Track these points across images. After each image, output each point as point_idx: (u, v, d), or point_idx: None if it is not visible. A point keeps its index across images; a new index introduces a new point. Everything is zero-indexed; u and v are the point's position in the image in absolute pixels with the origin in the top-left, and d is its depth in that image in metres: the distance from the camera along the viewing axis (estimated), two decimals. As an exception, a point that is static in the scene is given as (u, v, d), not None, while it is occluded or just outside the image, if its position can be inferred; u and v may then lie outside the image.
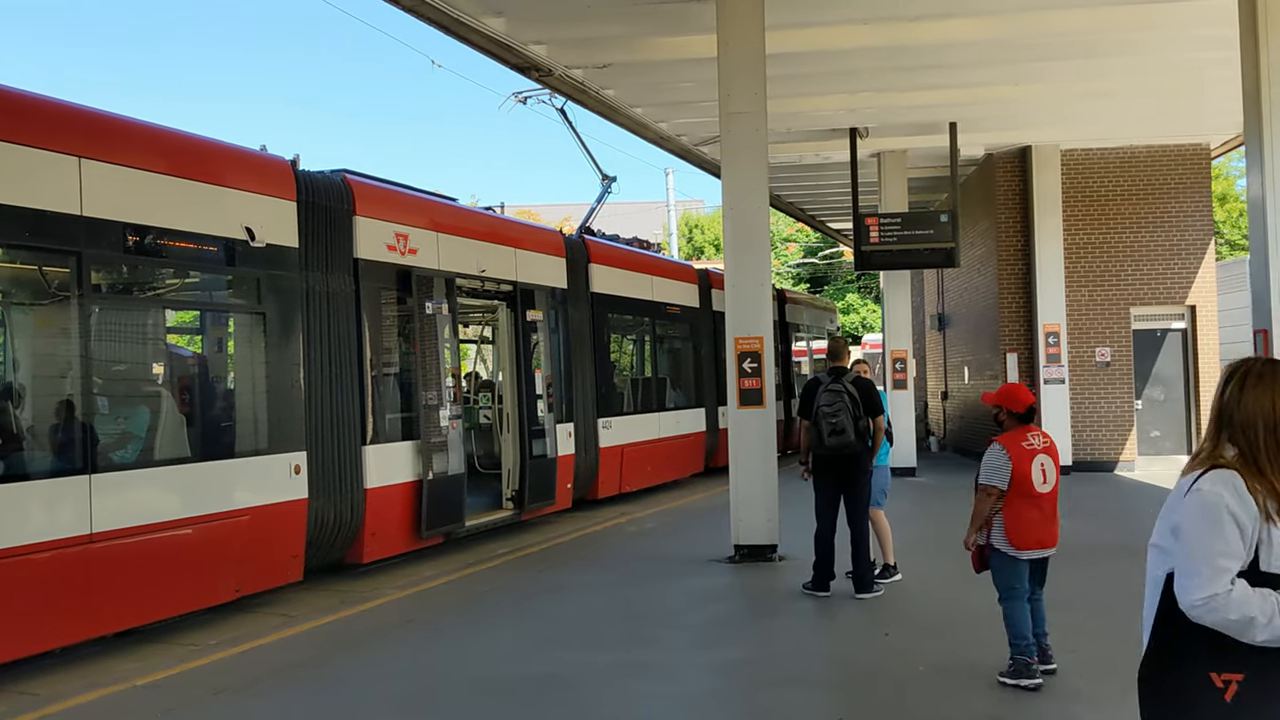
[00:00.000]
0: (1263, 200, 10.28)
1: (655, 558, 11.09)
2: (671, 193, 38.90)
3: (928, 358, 27.22)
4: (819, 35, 12.74)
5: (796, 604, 8.75)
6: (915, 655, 6.93)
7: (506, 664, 7.06)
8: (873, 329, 46.09)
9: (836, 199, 23.00)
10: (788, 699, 6.23)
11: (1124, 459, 18.14)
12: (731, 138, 10.96)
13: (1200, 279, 18.16)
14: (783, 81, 13.51)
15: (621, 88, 14.67)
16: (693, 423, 18.39)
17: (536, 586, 9.73)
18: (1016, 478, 6.23)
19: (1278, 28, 10.14)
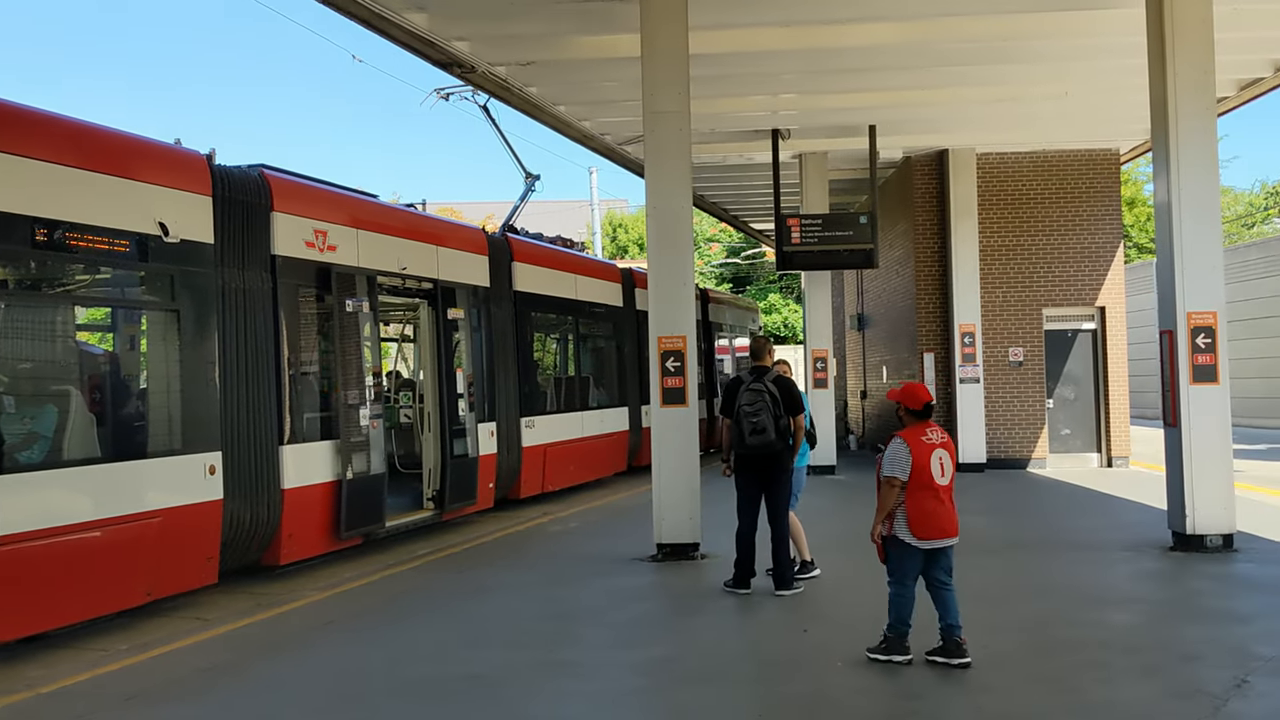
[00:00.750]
0: (1169, 205, 10.62)
1: (578, 557, 11.08)
2: (595, 191, 38.85)
3: (847, 357, 27.57)
4: (742, 37, 12.84)
5: (718, 602, 8.81)
6: (833, 651, 7.02)
7: (429, 665, 6.99)
8: (795, 329, 46.56)
9: (759, 200, 23.20)
10: (709, 696, 6.26)
11: (1036, 456, 18.57)
12: (655, 137, 10.99)
13: (1110, 281, 18.65)
14: (706, 82, 13.59)
15: (545, 86, 14.62)
16: (616, 422, 18.41)
17: (458, 587, 9.66)
18: (916, 469, 6.53)
19: (1185, 38, 10.49)
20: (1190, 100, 10.52)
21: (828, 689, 6.30)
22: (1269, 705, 5.77)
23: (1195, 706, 5.72)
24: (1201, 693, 5.95)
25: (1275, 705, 5.77)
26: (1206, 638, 7.27)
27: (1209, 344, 10.39)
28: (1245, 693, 5.94)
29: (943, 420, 18.76)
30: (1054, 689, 6.16)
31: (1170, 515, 10.66)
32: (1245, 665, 6.43)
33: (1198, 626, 7.68)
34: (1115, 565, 10.08)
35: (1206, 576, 9.39)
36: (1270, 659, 6.56)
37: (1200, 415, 10.37)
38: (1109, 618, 7.98)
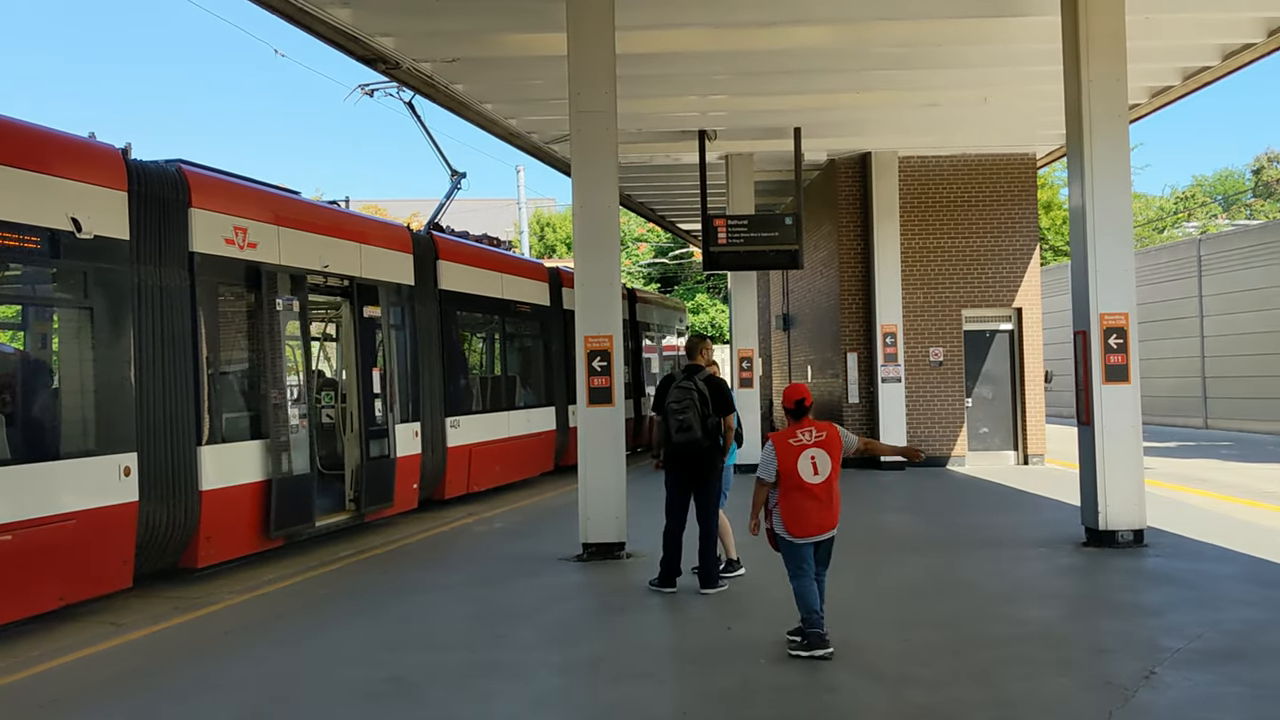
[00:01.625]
0: (1083, 209, 10.89)
1: (504, 557, 11.04)
2: (523, 190, 38.72)
3: (773, 357, 27.83)
4: (669, 38, 12.90)
5: (644, 601, 8.84)
6: (757, 647, 7.09)
7: (351, 667, 6.92)
8: (722, 328, 46.82)
9: (686, 200, 23.29)
10: (634, 695, 6.29)
11: (955, 454, 18.92)
12: (582, 136, 10.99)
13: (1026, 283, 19.07)
14: (634, 82, 13.63)
15: (471, 83, 14.53)
16: (543, 421, 18.36)
17: (382, 588, 9.57)
18: (784, 472, 6.86)
19: (1098, 46, 10.76)
20: (1103, 107, 10.80)
21: (751, 685, 6.35)
22: (1175, 696, 5.95)
23: (1106, 698, 5.88)
24: (1112, 685, 6.11)
25: (1180, 696, 5.95)
26: (1118, 631, 7.47)
27: (1121, 344, 10.68)
28: (1153, 684, 6.12)
29: (865, 418, 19.05)
30: (974, 682, 6.29)
31: (1084, 512, 10.94)
32: (1153, 657, 6.62)
33: (1110, 620, 7.89)
34: (1032, 561, 10.32)
35: (1118, 571, 9.65)
36: (1177, 651, 6.77)
37: (1112, 414, 10.65)
38: (1026, 612, 8.17)
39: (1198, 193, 55.70)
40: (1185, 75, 14.85)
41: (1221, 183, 56.54)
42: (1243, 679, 6.22)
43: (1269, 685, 6.08)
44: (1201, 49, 13.82)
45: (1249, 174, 51.76)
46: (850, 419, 19.21)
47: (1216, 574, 9.31)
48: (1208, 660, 6.59)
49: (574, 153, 11.13)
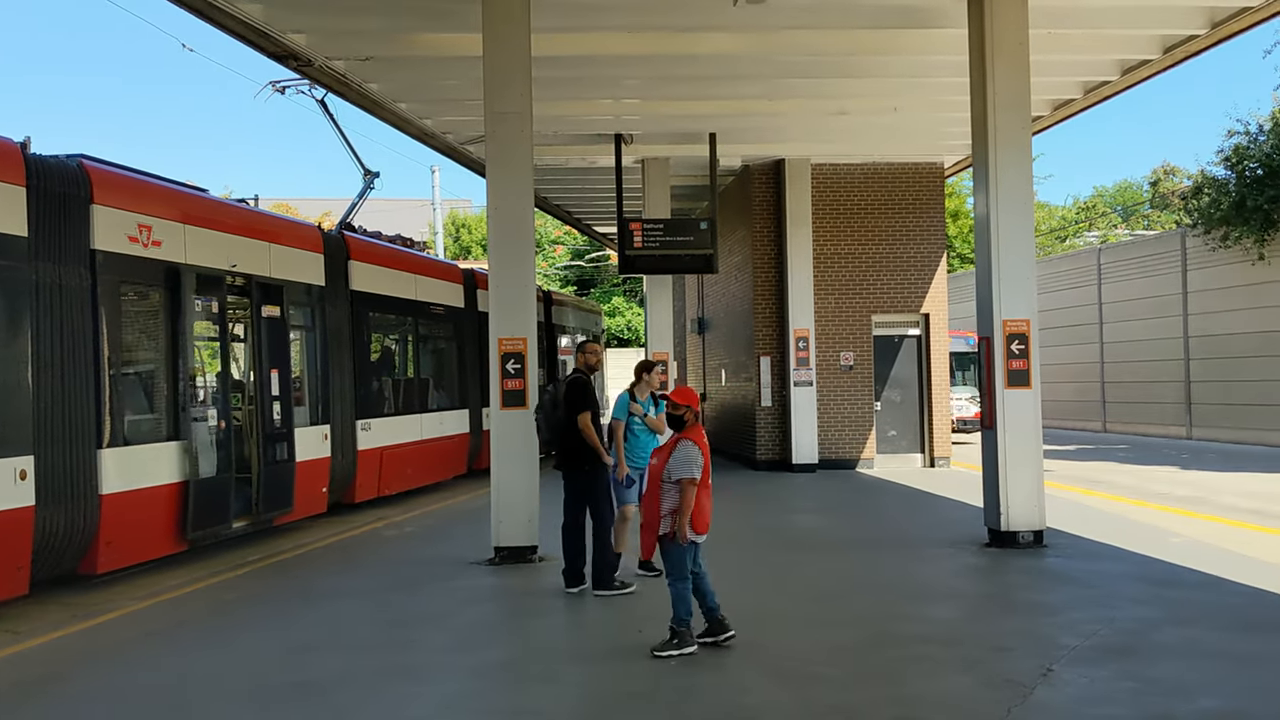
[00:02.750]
0: (987, 218, 11.17)
1: (414, 561, 10.94)
2: (437, 190, 38.38)
3: (688, 360, 27.99)
4: (586, 41, 12.92)
5: (556, 603, 8.85)
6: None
7: (256, 673, 6.80)
8: (638, 331, 46.97)
9: (602, 203, 23.34)
10: (545, 697, 6.29)
11: (865, 457, 19.24)
12: (497, 138, 10.95)
13: (934, 289, 19.49)
14: (550, 84, 13.62)
15: (385, 82, 14.38)
16: (456, 424, 18.23)
17: (290, 593, 9.42)
18: (704, 470, 7.01)
19: (1004, 59, 11.05)
20: (1008, 118, 11.09)
21: (661, 687, 6.39)
22: (1071, 692, 6.14)
23: (1006, 695, 6.04)
24: (1012, 682, 6.28)
25: (1076, 692, 6.14)
26: (1018, 630, 7.68)
27: (1023, 350, 10.97)
28: (1051, 681, 6.30)
29: (778, 421, 19.30)
30: (879, 681, 6.42)
31: (986, 513, 11.21)
32: (1051, 655, 6.83)
33: (1010, 619, 8.11)
34: (937, 561, 10.55)
35: (1019, 571, 9.92)
36: (1074, 648, 6.98)
37: (1014, 417, 10.94)
38: (930, 612, 8.35)
39: (1099, 203, 57.46)
40: (1086, 89, 15.33)
41: (1121, 194, 58.40)
42: (1135, 675, 6.43)
43: (1159, 681, 6.31)
44: (1101, 64, 14.28)
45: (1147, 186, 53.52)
46: (763, 422, 19.42)
47: (1111, 573, 9.62)
48: (1102, 657, 6.81)
49: (489, 154, 11.09)
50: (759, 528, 13.15)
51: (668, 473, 6.94)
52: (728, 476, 18.96)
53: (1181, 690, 6.14)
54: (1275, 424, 23.45)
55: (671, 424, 7.20)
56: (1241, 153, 24.89)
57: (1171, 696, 6.01)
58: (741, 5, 11.46)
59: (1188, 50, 13.30)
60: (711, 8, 11.74)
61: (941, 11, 11.85)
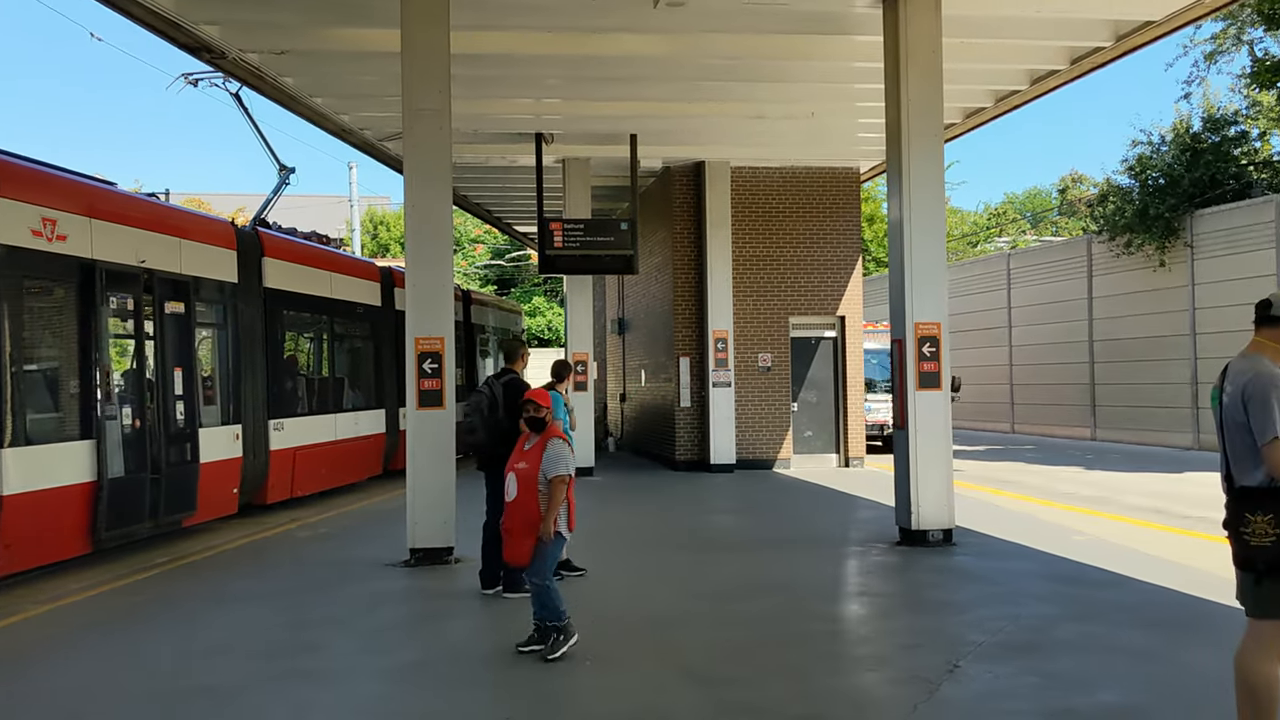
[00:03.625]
0: (901, 223, 11.37)
1: (327, 563, 10.79)
2: (355, 187, 37.96)
3: (608, 360, 28.01)
4: (506, 39, 12.87)
5: (471, 605, 8.80)
6: (581, 650, 7.13)
7: (160, 678, 6.65)
8: (558, 331, 46.86)
9: (523, 202, 23.26)
10: (459, 700, 6.25)
11: (781, 457, 19.45)
12: (415, 135, 10.84)
13: (849, 292, 19.78)
14: (469, 82, 13.54)
15: (301, 76, 14.16)
16: (372, 424, 18.01)
17: (198, 596, 9.22)
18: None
19: (918, 67, 11.26)
20: (921, 125, 11.30)
21: (575, 688, 6.40)
22: (976, 688, 6.28)
23: (912, 691, 6.16)
24: (919, 679, 6.41)
25: (981, 688, 6.29)
26: (925, 627, 7.83)
27: (934, 352, 11.19)
28: (957, 677, 6.44)
29: (696, 422, 19.41)
30: (790, 679, 6.49)
31: (898, 512, 11.41)
32: (957, 651, 6.97)
33: (918, 616, 8.27)
34: (848, 560, 10.71)
35: (928, 569, 10.11)
36: (980, 644, 7.14)
37: (925, 418, 11.16)
38: (841, 610, 8.49)
39: (1009, 209, 58.83)
40: (997, 98, 15.68)
41: (1031, 200, 59.87)
42: (1038, 670, 6.59)
43: (1060, 676, 6.48)
44: (1011, 73, 14.63)
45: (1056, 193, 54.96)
46: (682, 423, 19.53)
47: (1017, 571, 9.86)
48: (1007, 653, 6.97)
49: (406, 151, 10.98)
50: (676, 528, 13.23)
51: (543, 474, 6.86)
52: (647, 477, 19.05)
53: (1082, 685, 6.31)
54: (1175, 426, 24.25)
55: (533, 426, 7.11)
56: (1145, 162, 25.69)
57: (1072, 691, 6.18)
58: (662, 8, 11.52)
59: (1094, 61, 13.68)
60: (632, 10, 11.78)
61: (857, 19, 12.02)
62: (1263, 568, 4.54)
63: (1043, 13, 11.96)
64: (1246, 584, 4.67)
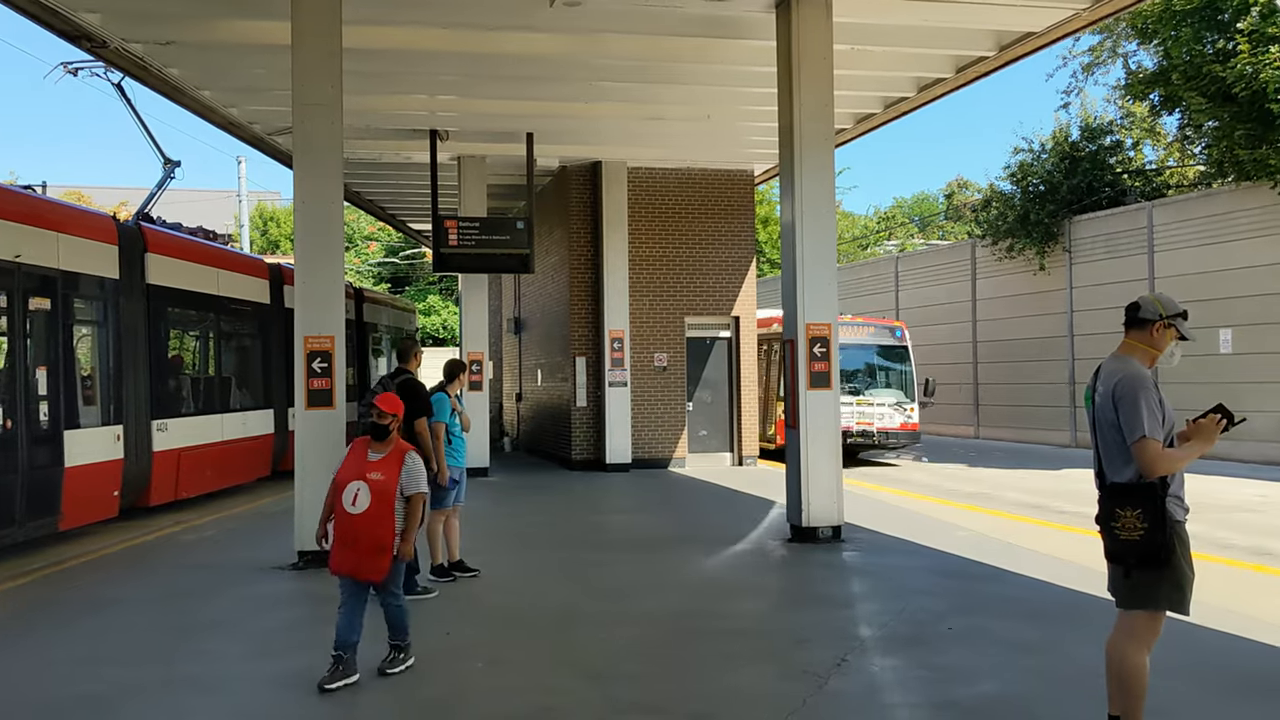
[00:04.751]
0: (793, 225, 11.55)
1: (212, 567, 10.52)
2: (244, 182, 36.96)
3: (504, 360, 27.86)
4: (400, 35, 12.70)
5: (362, 607, 8.65)
6: (474, 652, 7.11)
7: (37, 687, 6.41)
8: (454, 330, 46.43)
9: (417, 199, 23.01)
10: (348, 706, 6.15)
11: (677, 456, 19.60)
12: (305, 129, 10.64)
13: (744, 293, 20.02)
14: (363, 77, 13.34)
15: (187, 68, 13.76)
16: (260, 424, 17.61)
17: (77, 602, 8.91)
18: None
19: (810, 72, 11.45)
20: (813, 129, 11.50)
21: (468, 690, 6.37)
22: (863, 681, 6.43)
23: (802, 686, 6.27)
24: (808, 673, 6.53)
25: (868, 681, 6.43)
26: (815, 622, 7.98)
27: (824, 353, 11.40)
28: (844, 671, 6.58)
29: (592, 421, 19.42)
30: (682, 676, 6.55)
31: (789, 510, 11.60)
32: (845, 645, 7.13)
33: (808, 612, 8.42)
34: (741, 557, 10.85)
35: (818, 565, 10.30)
36: (867, 638, 7.31)
37: (816, 417, 11.36)
38: (732, 607, 8.58)
39: (898, 213, 60.26)
40: (886, 104, 16.04)
41: (919, 205, 61.40)
42: (923, 663, 6.78)
43: (945, 668, 6.67)
44: (900, 80, 14.97)
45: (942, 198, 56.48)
46: (578, 422, 19.53)
47: (904, 566, 10.11)
48: (894, 647, 7.15)
49: (296, 146, 10.77)
50: (570, 528, 13.23)
51: (401, 488, 6.37)
52: (542, 477, 19.00)
53: (964, 676, 6.50)
54: (1054, 424, 25.12)
55: (377, 434, 6.45)
56: (1026, 169, 26.57)
57: (955, 683, 6.36)
58: (558, 7, 11.51)
59: (978, 70, 14.09)
60: (528, 8, 11.74)
61: (752, 23, 12.17)
62: (1133, 561, 4.74)
63: (930, 22, 12.25)
64: (1117, 576, 4.87)
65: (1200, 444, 4.79)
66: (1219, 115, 20.15)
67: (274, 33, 11.49)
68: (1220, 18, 20.06)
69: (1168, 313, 4.91)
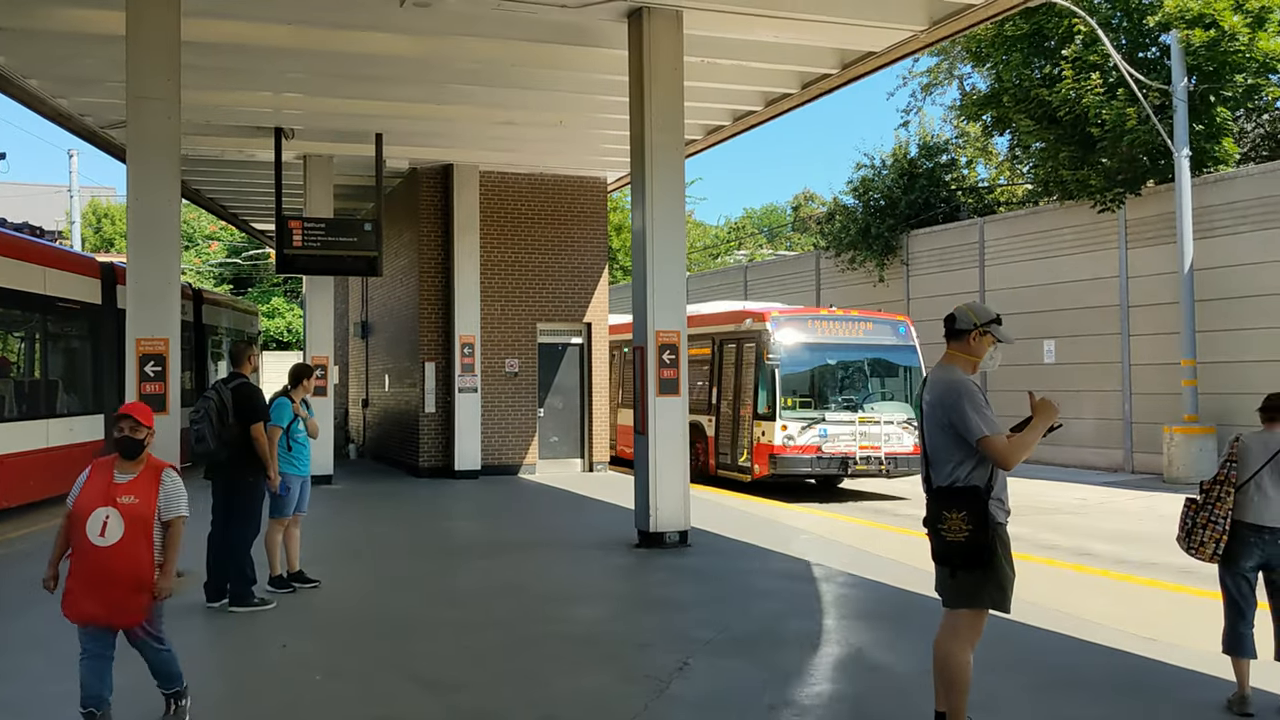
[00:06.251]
0: (644, 233, 11.66)
1: (21, 581, 9.89)
2: (75, 177, 35.21)
3: (351, 365, 27.29)
4: (243, 30, 12.31)
5: (193, 621, 8.34)
6: (312, 665, 6.94)
7: None
8: (299, 334, 45.23)
9: (261, 199, 22.32)
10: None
11: (527, 462, 19.53)
12: (140, 124, 10.23)
13: (596, 299, 20.10)
14: (203, 72, 12.92)
15: (13, 56, 13.04)
16: (89, 430, 16.78)
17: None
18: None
19: (660, 83, 11.59)
20: (664, 139, 11.64)
21: (304, 704, 6.21)
22: (703, 684, 6.53)
23: (643, 690, 6.34)
24: (650, 677, 6.60)
25: (709, 683, 6.54)
26: (658, 626, 8.07)
27: (673, 360, 11.55)
28: (686, 674, 6.68)
29: (442, 428, 19.19)
30: (523, 683, 6.54)
31: (637, 515, 11.69)
32: (687, 649, 7.23)
33: (652, 616, 8.51)
34: (587, 563, 10.89)
35: (663, 569, 10.42)
36: (708, 642, 7.43)
37: (664, 423, 11.49)
38: (577, 612, 8.61)
39: (748, 224, 61.54)
40: (735, 117, 16.36)
41: (767, 216, 62.86)
42: (761, 664, 6.92)
43: (782, 668, 6.83)
44: (748, 94, 15.29)
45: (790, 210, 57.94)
46: (426, 428, 19.28)
47: (747, 569, 10.32)
48: (734, 649, 7.29)
49: (130, 141, 10.34)
50: (416, 535, 13.06)
51: (159, 512, 5.40)
52: (389, 484, 18.68)
53: (802, 677, 6.68)
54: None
55: (127, 450, 5.47)
56: (868, 184, 27.51)
57: (793, 683, 6.53)
58: (409, 8, 11.37)
59: (822, 87, 14.52)
60: (378, 8, 11.55)
61: (604, 32, 12.25)
62: (958, 561, 4.96)
63: (776, 39, 12.55)
64: (943, 577, 5.08)
65: (1043, 419, 4.99)
66: (1045, 137, 21.25)
67: (107, 22, 11.01)
68: (1047, 44, 21.17)
69: (981, 321, 5.15)
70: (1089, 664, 7.00)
